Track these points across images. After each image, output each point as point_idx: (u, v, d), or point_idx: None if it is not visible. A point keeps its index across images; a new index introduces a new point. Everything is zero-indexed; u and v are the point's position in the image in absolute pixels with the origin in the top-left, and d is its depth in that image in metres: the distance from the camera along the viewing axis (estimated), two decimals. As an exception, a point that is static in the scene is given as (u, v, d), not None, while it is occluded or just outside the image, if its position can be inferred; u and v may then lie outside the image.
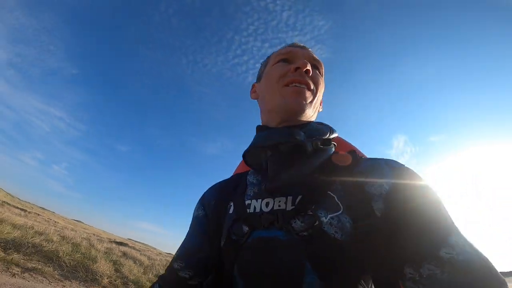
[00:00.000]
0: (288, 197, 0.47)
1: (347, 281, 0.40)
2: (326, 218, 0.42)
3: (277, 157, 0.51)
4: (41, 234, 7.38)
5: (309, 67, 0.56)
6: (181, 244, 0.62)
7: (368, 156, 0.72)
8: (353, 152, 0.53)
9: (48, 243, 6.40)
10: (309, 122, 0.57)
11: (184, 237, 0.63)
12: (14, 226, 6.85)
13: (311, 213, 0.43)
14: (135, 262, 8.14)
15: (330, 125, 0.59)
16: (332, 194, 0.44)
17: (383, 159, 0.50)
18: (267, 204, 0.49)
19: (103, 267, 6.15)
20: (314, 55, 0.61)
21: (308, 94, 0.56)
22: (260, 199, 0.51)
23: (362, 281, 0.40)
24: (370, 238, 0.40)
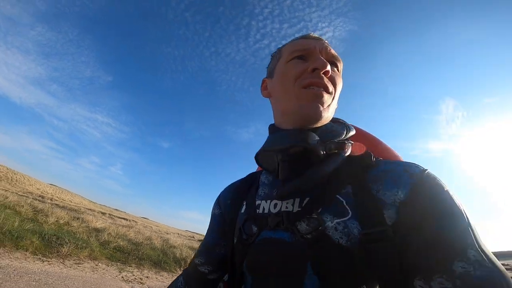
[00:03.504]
0: (296, 199, 0.47)
1: (349, 285, 0.39)
2: (331, 222, 0.41)
3: (288, 161, 0.50)
4: (174, 247, 9.00)
5: (328, 67, 0.50)
6: (202, 241, 0.66)
7: (397, 153, 0.70)
8: (370, 154, 0.49)
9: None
10: (323, 123, 0.53)
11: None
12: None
13: (316, 216, 0.43)
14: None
15: (346, 123, 0.56)
16: (341, 198, 0.43)
17: (403, 163, 0.45)
18: (275, 206, 0.49)
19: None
20: (332, 50, 0.55)
21: (326, 97, 0.50)
22: (269, 200, 0.51)
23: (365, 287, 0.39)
24: (378, 246, 0.38)
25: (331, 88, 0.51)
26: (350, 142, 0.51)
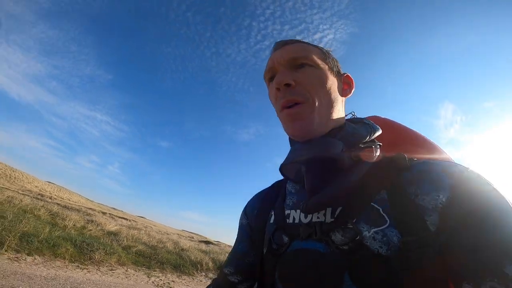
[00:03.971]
0: (328, 208, 0.45)
1: None
2: (369, 232, 0.39)
3: (313, 171, 0.48)
4: (186, 250, 9.13)
5: (285, 81, 0.48)
6: (231, 251, 0.65)
7: (438, 146, 0.60)
8: (403, 155, 0.46)
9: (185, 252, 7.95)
10: (342, 126, 0.51)
11: (234, 241, 0.66)
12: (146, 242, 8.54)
13: (351, 226, 0.41)
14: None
15: (370, 122, 0.53)
16: (376, 206, 0.41)
17: (440, 163, 0.43)
18: (306, 215, 0.48)
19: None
20: (296, 51, 0.51)
21: (303, 108, 0.48)
22: (299, 210, 0.49)
23: None
24: (421, 253, 0.36)
25: (301, 97, 0.48)
26: (378, 144, 0.50)
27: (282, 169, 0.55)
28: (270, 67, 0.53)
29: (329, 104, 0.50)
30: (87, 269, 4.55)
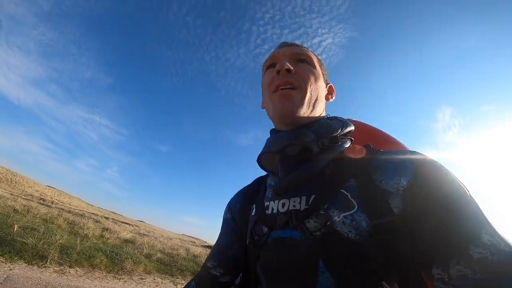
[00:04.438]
0: (302, 197, 0.48)
1: (365, 279, 0.38)
2: (338, 217, 0.41)
3: (285, 160, 0.52)
4: (199, 256, 9.16)
5: (287, 66, 0.53)
6: (214, 244, 0.67)
7: (405, 144, 0.73)
8: (368, 145, 0.51)
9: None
10: (318, 120, 0.55)
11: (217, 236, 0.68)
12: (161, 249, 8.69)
13: (323, 212, 0.43)
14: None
15: (344, 119, 0.57)
16: (345, 192, 0.44)
17: (403, 151, 0.47)
18: (283, 205, 0.50)
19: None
20: (296, 49, 0.58)
21: (295, 93, 0.53)
22: (277, 200, 0.52)
23: (384, 282, 0.37)
24: (389, 237, 0.37)
25: (297, 82, 0.53)
26: (349, 138, 0.55)
27: (260, 160, 0.59)
28: (272, 57, 0.60)
29: (316, 100, 0.56)
30: (123, 279, 4.78)
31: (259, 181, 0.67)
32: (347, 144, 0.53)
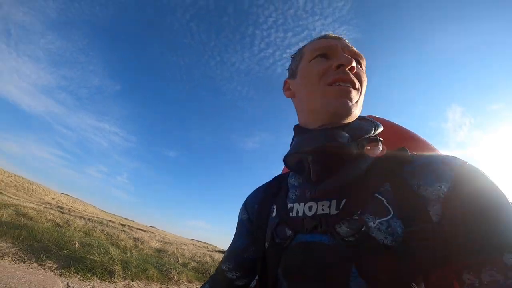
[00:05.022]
0: (332, 201, 0.46)
1: (397, 285, 0.38)
2: (374, 223, 0.40)
3: (320, 161, 0.49)
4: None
5: (354, 64, 0.51)
6: (229, 246, 0.65)
7: (432, 144, 0.68)
8: (404, 149, 0.48)
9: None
10: (351, 122, 0.52)
11: (232, 238, 0.66)
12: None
13: (356, 218, 0.42)
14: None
15: (372, 119, 0.55)
16: (380, 197, 0.42)
17: (440, 156, 0.45)
18: (310, 208, 0.48)
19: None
20: (355, 48, 0.56)
21: (354, 93, 0.51)
22: (303, 203, 0.50)
23: (414, 285, 0.37)
24: (425, 244, 0.37)
25: (357, 84, 0.52)
26: (380, 139, 0.52)
27: (286, 160, 0.56)
28: (328, 46, 0.55)
29: (361, 104, 0.54)
30: (176, 290, 5.27)
31: (279, 180, 0.64)
32: (381, 146, 0.51)
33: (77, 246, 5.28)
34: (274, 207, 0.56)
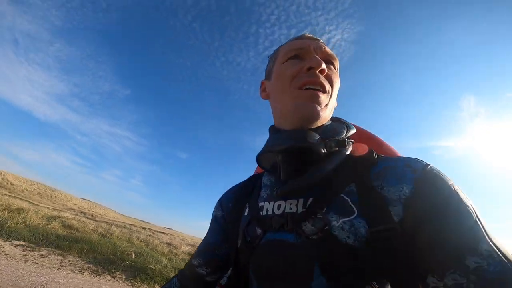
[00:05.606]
0: (300, 199, 0.47)
1: (359, 285, 0.38)
2: (337, 222, 0.41)
3: (289, 161, 0.50)
4: None
5: (323, 66, 0.50)
6: (201, 242, 0.65)
7: (395, 148, 0.73)
8: (371, 151, 0.50)
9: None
10: (324, 123, 0.53)
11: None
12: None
13: (321, 216, 0.43)
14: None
15: (346, 121, 0.56)
16: (345, 197, 0.43)
17: (404, 158, 0.46)
18: (278, 207, 0.49)
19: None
20: (328, 49, 0.55)
21: (324, 97, 0.51)
22: (273, 202, 0.51)
23: (375, 283, 0.38)
24: (387, 244, 0.37)
25: (328, 86, 0.52)
26: (351, 141, 0.52)
27: (259, 158, 0.57)
28: (301, 47, 0.55)
29: (332, 107, 0.56)
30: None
31: (253, 179, 0.65)
32: (350, 148, 0.52)
33: (133, 256, 5.78)
34: (247, 205, 0.57)
